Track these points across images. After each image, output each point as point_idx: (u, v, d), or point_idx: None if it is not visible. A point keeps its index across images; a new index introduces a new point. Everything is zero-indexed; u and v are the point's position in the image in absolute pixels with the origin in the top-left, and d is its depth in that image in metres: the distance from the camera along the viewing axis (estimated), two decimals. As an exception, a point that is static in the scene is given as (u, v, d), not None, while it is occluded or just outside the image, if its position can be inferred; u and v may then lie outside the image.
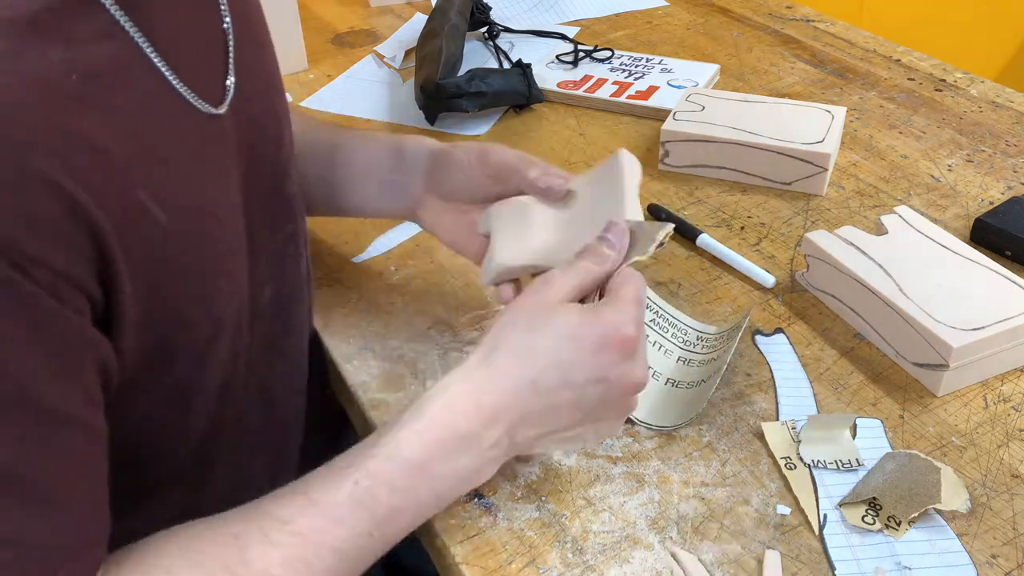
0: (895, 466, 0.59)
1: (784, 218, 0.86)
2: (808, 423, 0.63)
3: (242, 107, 0.56)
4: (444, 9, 1.15)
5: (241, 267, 0.56)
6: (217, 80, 0.54)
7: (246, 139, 0.57)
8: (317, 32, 1.29)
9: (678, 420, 0.64)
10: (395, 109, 1.08)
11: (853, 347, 0.71)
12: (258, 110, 0.59)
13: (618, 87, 1.08)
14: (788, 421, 0.64)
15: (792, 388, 0.67)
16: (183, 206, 0.49)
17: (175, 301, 0.49)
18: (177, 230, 0.48)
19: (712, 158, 0.91)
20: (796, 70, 1.13)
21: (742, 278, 0.78)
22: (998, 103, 1.04)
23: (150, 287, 0.47)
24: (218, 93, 0.54)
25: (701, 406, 0.64)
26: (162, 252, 0.47)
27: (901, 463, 0.59)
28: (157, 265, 0.47)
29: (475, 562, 0.55)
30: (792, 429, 0.63)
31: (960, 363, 0.65)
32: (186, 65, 0.50)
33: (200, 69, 0.52)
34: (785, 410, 0.65)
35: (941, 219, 0.84)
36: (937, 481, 0.57)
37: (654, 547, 0.56)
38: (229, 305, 0.55)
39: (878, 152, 0.96)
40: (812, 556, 0.55)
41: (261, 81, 0.60)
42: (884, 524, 0.57)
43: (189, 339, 0.52)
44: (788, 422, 0.64)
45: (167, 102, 0.49)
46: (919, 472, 0.58)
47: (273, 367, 0.65)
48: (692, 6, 1.33)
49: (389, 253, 0.83)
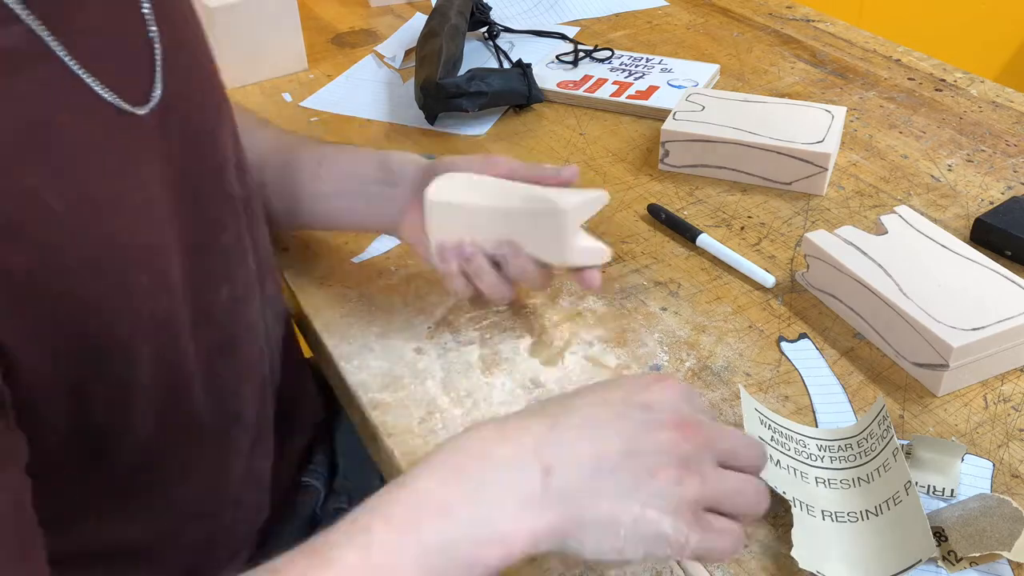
0: (979, 505, 0.54)
1: (784, 218, 0.86)
2: (918, 442, 0.59)
3: (172, 110, 0.56)
4: (444, 9, 1.15)
5: (169, 265, 0.55)
6: (142, 83, 0.54)
7: (177, 141, 0.57)
8: (317, 32, 1.29)
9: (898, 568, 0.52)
10: (395, 109, 1.08)
11: (853, 347, 0.71)
12: (191, 113, 0.59)
13: (618, 87, 1.08)
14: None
15: (826, 395, 0.66)
16: (85, 196, 0.48)
17: (84, 292, 0.49)
18: (78, 220, 0.48)
19: (712, 158, 0.91)
20: (796, 70, 1.13)
21: (742, 278, 0.78)
22: (998, 103, 1.04)
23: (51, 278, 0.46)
24: (142, 95, 0.54)
25: (929, 551, 0.51)
26: (59, 240, 0.47)
27: (987, 504, 0.54)
28: (55, 254, 0.46)
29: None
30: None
31: (960, 363, 0.65)
32: (101, 64, 0.50)
33: (119, 70, 0.52)
34: (823, 418, 0.64)
35: (941, 219, 0.84)
36: (1018, 532, 0.52)
37: (654, 547, 0.56)
38: (155, 301, 0.54)
39: (878, 152, 0.96)
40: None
41: (194, 84, 0.60)
42: (943, 556, 0.54)
43: (110, 334, 0.51)
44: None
45: (72, 95, 0.49)
46: (1002, 517, 0.53)
47: (232, 368, 0.64)
48: (692, 6, 1.33)
49: (389, 253, 0.83)
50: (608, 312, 0.75)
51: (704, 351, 0.71)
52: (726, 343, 0.71)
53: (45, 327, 0.47)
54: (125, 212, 0.52)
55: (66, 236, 0.47)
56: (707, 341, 0.72)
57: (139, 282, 0.53)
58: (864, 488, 0.57)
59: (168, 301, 0.55)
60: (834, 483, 0.58)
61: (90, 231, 0.49)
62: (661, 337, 0.72)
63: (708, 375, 0.68)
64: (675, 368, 0.69)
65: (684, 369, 0.69)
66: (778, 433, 0.61)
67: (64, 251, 0.47)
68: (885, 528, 0.54)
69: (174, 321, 0.56)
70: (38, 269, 0.46)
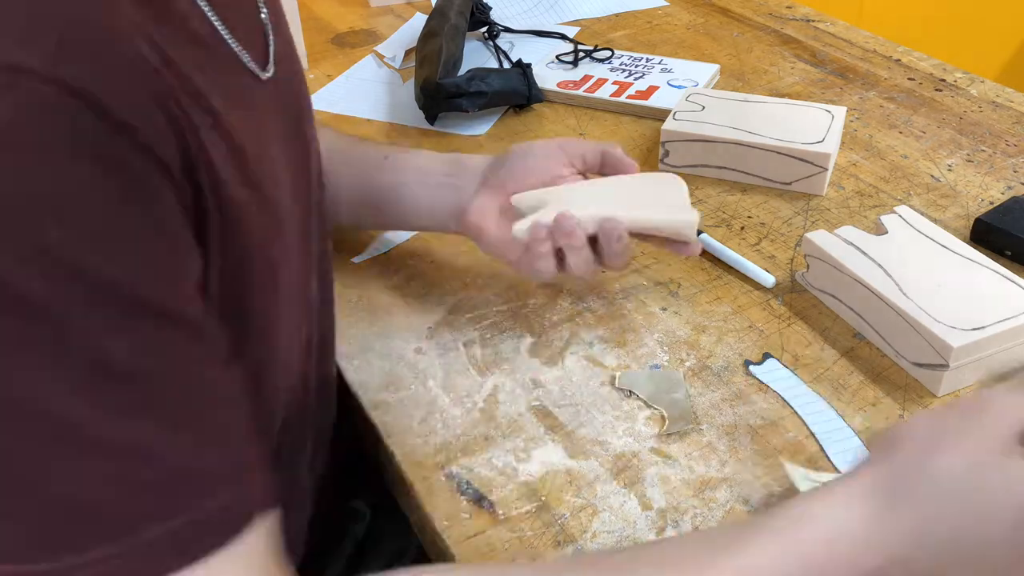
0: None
1: (784, 218, 0.86)
2: None
3: (282, 90, 0.56)
4: (444, 9, 1.15)
5: (292, 235, 0.55)
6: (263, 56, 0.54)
7: (288, 121, 0.57)
8: (317, 32, 1.29)
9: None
10: (395, 109, 1.08)
11: (853, 347, 0.71)
12: (292, 98, 0.59)
13: (618, 87, 1.08)
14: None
15: (813, 409, 0.65)
16: (239, 146, 0.47)
17: (248, 228, 0.47)
18: (236, 163, 0.46)
19: (712, 158, 0.91)
20: (796, 70, 1.13)
21: (742, 278, 0.78)
22: (998, 103, 1.04)
23: (224, 215, 0.45)
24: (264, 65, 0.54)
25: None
26: (225, 178, 0.45)
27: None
28: (224, 191, 0.45)
29: (475, 562, 0.55)
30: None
31: (960, 363, 0.65)
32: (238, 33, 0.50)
33: (249, 41, 0.52)
34: (816, 427, 0.64)
35: (941, 219, 0.84)
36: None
37: (654, 547, 0.56)
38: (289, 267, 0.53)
39: (878, 152, 0.96)
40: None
41: (293, 69, 0.61)
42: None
43: (262, 303, 0.50)
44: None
45: (220, 52, 0.49)
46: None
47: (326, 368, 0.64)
48: (692, 6, 1.33)
49: (389, 253, 0.83)
50: (608, 312, 0.75)
51: (704, 351, 0.71)
52: (726, 343, 0.71)
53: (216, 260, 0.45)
54: (269, 166, 0.51)
55: (230, 176, 0.45)
56: (707, 341, 0.72)
57: (282, 237, 0.52)
58: None
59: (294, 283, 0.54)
60: None
61: (259, 208, 0.48)
62: (661, 337, 0.72)
63: (708, 375, 0.68)
64: (674, 368, 0.69)
65: (684, 369, 0.69)
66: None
67: (231, 188, 0.45)
68: None
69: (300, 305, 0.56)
70: (210, 209, 0.44)
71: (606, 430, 0.64)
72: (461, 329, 0.74)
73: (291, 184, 0.55)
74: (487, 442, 0.63)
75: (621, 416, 0.65)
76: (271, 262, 0.50)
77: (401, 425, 0.65)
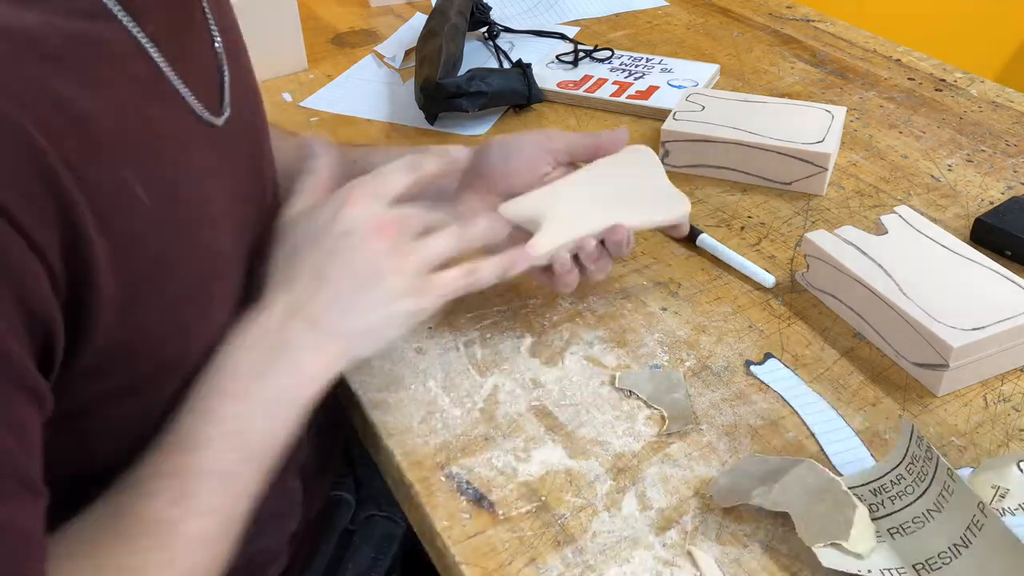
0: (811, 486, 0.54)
1: (784, 218, 0.86)
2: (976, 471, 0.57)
3: (237, 125, 0.56)
4: (444, 9, 1.15)
5: (239, 277, 0.56)
6: (215, 95, 0.55)
7: (241, 157, 0.57)
8: (317, 32, 1.29)
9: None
10: (395, 109, 1.08)
11: (853, 347, 0.71)
12: (249, 131, 0.59)
13: (618, 87, 1.08)
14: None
15: (813, 409, 0.65)
16: (172, 196, 0.48)
17: (166, 297, 0.48)
18: (164, 218, 0.47)
19: (712, 158, 0.91)
20: (796, 70, 1.13)
21: (742, 278, 0.78)
22: (998, 103, 1.04)
23: (133, 273, 0.45)
24: (216, 108, 0.54)
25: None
26: (144, 236, 0.46)
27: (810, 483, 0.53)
28: (140, 249, 0.45)
29: (475, 562, 0.55)
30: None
31: (960, 363, 0.65)
32: (186, 73, 0.50)
33: (200, 80, 0.52)
34: (816, 428, 0.63)
35: (941, 219, 0.84)
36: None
37: (654, 547, 0.56)
38: (224, 311, 0.54)
39: (878, 152, 0.96)
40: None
41: (249, 99, 0.61)
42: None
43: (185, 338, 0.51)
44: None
45: (161, 94, 0.49)
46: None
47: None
48: (692, 6, 1.34)
49: (389, 253, 0.83)
50: (608, 312, 0.75)
51: (704, 351, 0.71)
52: (726, 343, 0.71)
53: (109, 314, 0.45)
54: (207, 216, 0.51)
55: (153, 235, 0.46)
56: (707, 341, 0.72)
57: (215, 290, 0.52)
58: (938, 521, 0.52)
59: (235, 312, 0.55)
60: (908, 527, 0.54)
61: (177, 232, 0.48)
62: (661, 337, 0.72)
63: (708, 375, 0.68)
64: (674, 368, 0.69)
65: (684, 369, 0.69)
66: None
67: (148, 249, 0.46)
68: (985, 560, 0.49)
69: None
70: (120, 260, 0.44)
71: (606, 430, 0.64)
72: (461, 329, 0.73)
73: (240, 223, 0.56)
74: (487, 442, 0.63)
75: (621, 416, 0.65)
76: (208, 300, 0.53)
77: (401, 425, 0.65)
